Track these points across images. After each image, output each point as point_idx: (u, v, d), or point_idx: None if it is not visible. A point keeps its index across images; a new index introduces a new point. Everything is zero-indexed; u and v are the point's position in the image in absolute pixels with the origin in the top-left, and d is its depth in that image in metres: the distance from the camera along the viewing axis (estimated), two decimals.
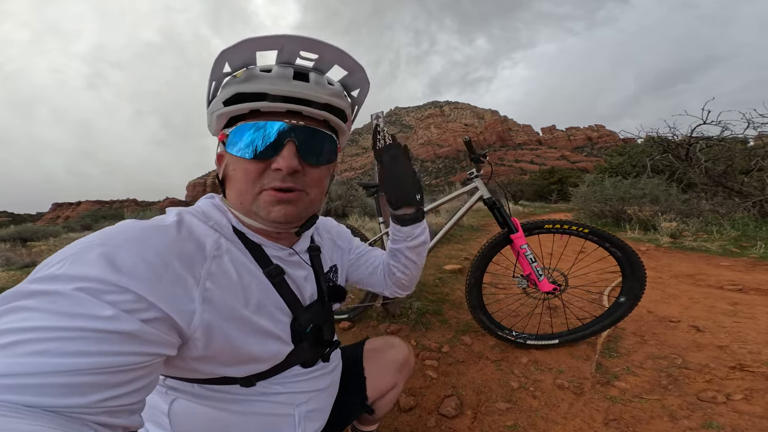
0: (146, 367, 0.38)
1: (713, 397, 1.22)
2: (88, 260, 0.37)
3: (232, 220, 0.55)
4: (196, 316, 0.43)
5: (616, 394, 1.30)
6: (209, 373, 0.51)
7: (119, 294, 0.36)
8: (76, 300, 0.34)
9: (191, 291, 0.44)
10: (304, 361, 0.63)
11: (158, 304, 0.39)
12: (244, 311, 0.50)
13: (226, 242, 0.52)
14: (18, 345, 0.30)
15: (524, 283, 1.59)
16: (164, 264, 0.41)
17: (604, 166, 10.39)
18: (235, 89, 0.50)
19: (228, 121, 0.53)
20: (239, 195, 0.52)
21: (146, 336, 0.37)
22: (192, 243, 0.47)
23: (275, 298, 0.56)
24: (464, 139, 1.66)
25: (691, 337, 1.71)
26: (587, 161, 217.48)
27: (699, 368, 1.43)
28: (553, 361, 1.55)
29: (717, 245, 3.87)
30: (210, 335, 0.45)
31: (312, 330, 0.62)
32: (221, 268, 0.49)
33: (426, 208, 1.91)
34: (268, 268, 0.56)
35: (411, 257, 0.77)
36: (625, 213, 5.94)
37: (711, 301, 2.20)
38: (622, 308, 1.54)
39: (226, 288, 0.48)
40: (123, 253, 0.39)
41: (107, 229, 0.42)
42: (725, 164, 6.13)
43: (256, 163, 0.50)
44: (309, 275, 0.65)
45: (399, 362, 0.86)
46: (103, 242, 0.39)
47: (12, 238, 9.46)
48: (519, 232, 1.52)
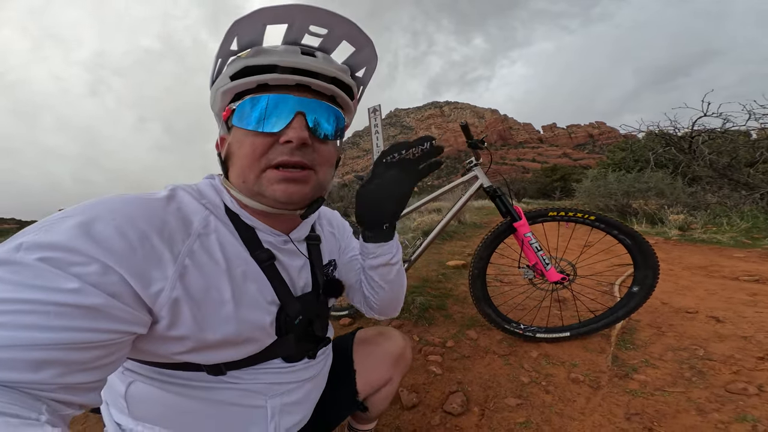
0: (112, 344, 0.36)
1: (744, 389, 1.13)
2: (62, 228, 0.35)
3: (226, 200, 0.53)
4: (165, 293, 0.41)
5: (637, 387, 1.21)
6: (172, 356, 0.45)
7: (86, 265, 0.34)
8: (38, 271, 0.32)
9: (166, 267, 0.41)
10: (286, 354, 0.56)
11: (127, 278, 0.37)
12: (223, 295, 0.47)
13: (216, 221, 0.50)
14: None
15: (530, 273, 1.51)
16: (141, 236, 0.40)
17: (607, 162, 10.29)
18: (243, 63, 0.48)
19: (234, 98, 0.50)
20: (243, 172, 0.49)
21: (112, 311, 0.35)
22: (178, 219, 0.45)
23: (263, 284, 0.52)
24: (461, 123, 1.58)
25: (712, 328, 1.61)
26: (589, 158, 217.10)
27: (724, 359, 1.33)
28: (566, 354, 1.46)
29: (728, 237, 3.76)
30: (176, 314, 0.42)
31: (301, 322, 0.57)
32: (205, 248, 0.46)
33: (421, 202, 1.83)
34: (257, 251, 0.52)
35: (374, 277, 0.67)
36: (631, 207, 5.84)
37: (728, 292, 2.10)
38: (636, 298, 1.44)
39: (206, 268, 0.46)
40: (100, 224, 0.37)
41: (91, 200, 0.41)
42: (729, 156, 6.03)
43: (263, 137, 0.47)
44: (305, 266, 0.61)
45: (393, 355, 0.78)
46: (83, 212, 0.38)
47: None
48: (522, 220, 1.44)
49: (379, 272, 0.66)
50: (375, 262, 0.65)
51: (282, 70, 0.47)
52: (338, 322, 1.94)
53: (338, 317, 1.97)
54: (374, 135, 2.35)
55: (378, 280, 0.67)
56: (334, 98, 0.53)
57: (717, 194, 5.71)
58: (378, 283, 0.67)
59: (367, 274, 0.68)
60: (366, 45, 0.52)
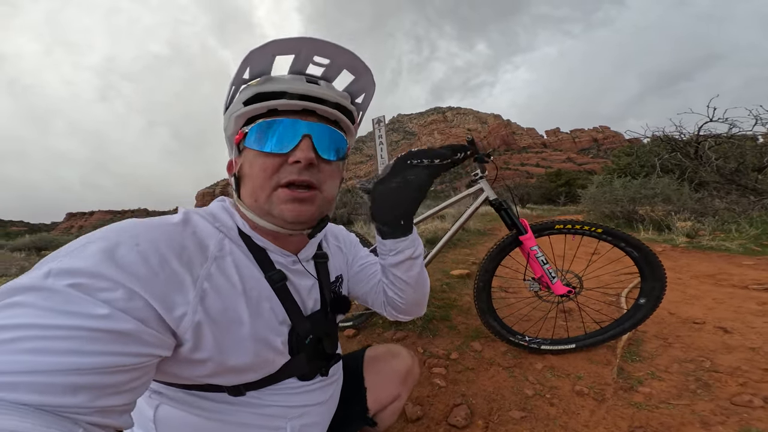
0: (141, 368, 0.37)
1: (749, 401, 1.12)
2: (87, 254, 0.37)
3: (239, 222, 0.55)
4: (188, 317, 0.42)
5: (641, 400, 1.20)
6: (197, 378, 0.47)
7: (113, 291, 0.36)
8: (70, 297, 0.33)
9: (187, 291, 0.43)
10: (300, 373, 0.59)
11: (151, 302, 0.38)
12: (240, 316, 0.49)
13: (230, 244, 0.52)
14: (12, 342, 0.30)
15: (536, 286, 1.51)
16: (162, 261, 0.41)
17: (612, 167, 10.22)
18: (255, 90, 0.52)
19: (246, 122, 0.54)
20: (254, 191, 0.52)
21: (141, 335, 0.37)
22: (194, 242, 0.47)
23: (275, 305, 0.54)
24: (467, 138, 1.61)
25: (719, 339, 1.60)
26: (594, 163, 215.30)
27: (730, 371, 1.32)
28: (571, 366, 1.46)
29: (737, 244, 3.71)
30: (199, 337, 0.44)
31: (311, 341, 0.59)
32: (222, 270, 0.48)
33: (429, 213, 1.85)
34: (271, 272, 0.55)
35: (397, 274, 0.67)
36: (637, 213, 5.79)
37: (737, 301, 2.07)
38: (643, 310, 1.45)
39: (224, 291, 0.47)
40: (123, 248, 0.39)
41: (112, 225, 0.43)
42: (736, 162, 5.97)
43: (273, 157, 0.51)
44: (314, 286, 0.63)
45: (402, 373, 0.80)
46: (105, 236, 0.40)
47: (27, 248, 9.67)
48: (528, 234, 1.45)
49: (402, 268, 0.67)
50: (396, 259, 0.65)
51: (290, 96, 0.51)
52: (342, 333, 1.96)
53: (343, 328, 1.99)
54: (378, 145, 2.39)
55: (402, 277, 0.67)
56: (338, 122, 0.57)
57: (725, 200, 5.63)
58: (402, 280, 0.68)
59: (389, 273, 0.68)
60: (364, 73, 0.56)
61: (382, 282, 0.72)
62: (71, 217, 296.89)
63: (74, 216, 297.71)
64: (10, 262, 5.99)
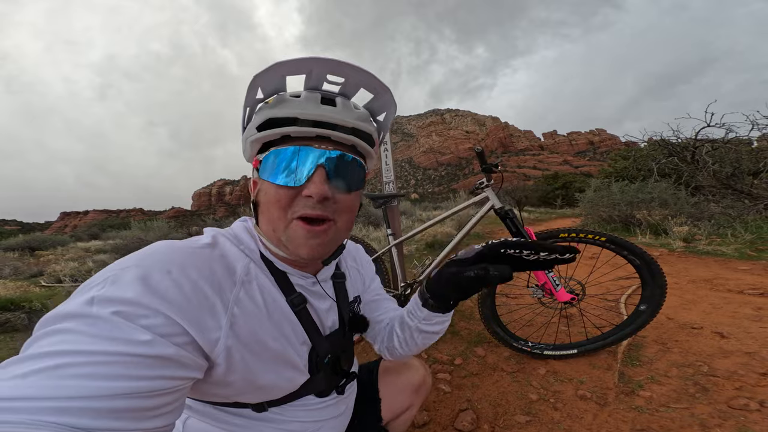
0: (179, 390, 0.39)
1: (746, 405, 1.16)
2: (125, 282, 0.38)
3: (260, 246, 0.56)
4: (221, 342, 0.44)
5: (642, 403, 1.24)
6: (224, 396, 0.50)
7: (154, 317, 0.37)
8: (114, 324, 0.35)
9: (219, 316, 0.44)
10: (318, 390, 0.62)
11: (187, 327, 0.40)
12: (266, 338, 0.50)
13: (255, 268, 0.53)
14: (61, 368, 0.31)
15: (540, 292, 1.54)
16: (195, 287, 0.42)
17: (609, 170, 10.32)
18: (267, 114, 0.50)
19: (261, 147, 0.53)
20: (271, 222, 0.52)
21: (181, 359, 0.38)
22: (223, 266, 0.48)
23: (296, 327, 0.56)
24: (476, 149, 1.63)
25: (716, 344, 1.64)
26: (590, 165, 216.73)
27: (727, 375, 1.37)
28: (573, 371, 1.49)
29: (733, 249, 3.77)
30: (231, 361, 0.45)
31: (330, 360, 0.61)
32: (249, 295, 0.50)
33: (437, 219, 1.88)
34: (292, 296, 0.56)
35: (416, 338, 0.68)
36: (634, 217, 5.85)
37: (733, 306, 2.12)
38: (643, 316, 1.49)
39: (251, 314, 0.49)
40: (156, 275, 0.40)
41: (143, 251, 0.44)
42: (732, 166, 6.05)
43: (287, 189, 0.49)
44: (332, 306, 0.64)
45: (415, 384, 0.83)
46: (138, 264, 0.41)
47: (21, 247, 9.55)
48: None
49: (424, 336, 0.67)
50: (425, 328, 0.65)
51: (302, 123, 0.48)
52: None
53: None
54: (383, 152, 2.42)
55: (418, 341, 0.68)
56: (355, 147, 0.54)
57: (720, 204, 5.71)
58: (416, 343, 0.69)
59: (408, 332, 0.68)
60: (384, 92, 0.54)
61: (395, 331, 0.72)
62: (66, 216, 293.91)
63: (68, 215, 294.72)
64: (3, 261, 5.93)
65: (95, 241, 11.80)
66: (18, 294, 3.07)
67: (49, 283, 4.03)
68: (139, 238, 8.53)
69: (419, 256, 4.35)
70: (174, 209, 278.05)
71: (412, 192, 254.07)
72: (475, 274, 0.52)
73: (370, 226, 8.64)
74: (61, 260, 6.03)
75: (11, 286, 3.43)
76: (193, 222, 16.74)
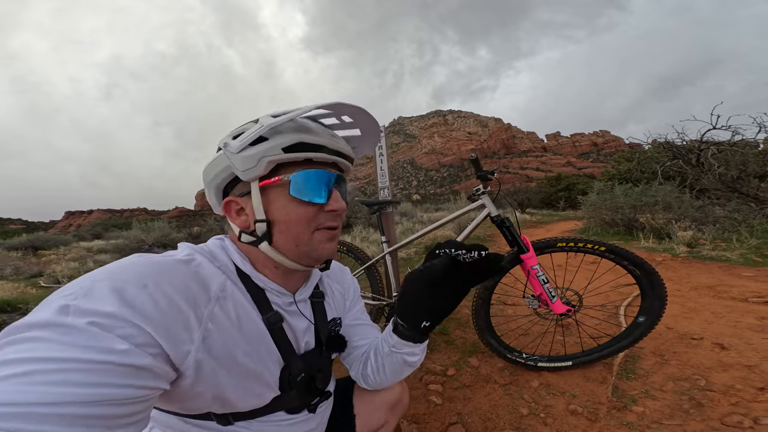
0: (149, 399, 0.40)
1: (739, 422, 1.13)
2: (100, 295, 0.39)
3: (237, 261, 0.57)
4: (192, 355, 0.45)
5: (633, 419, 1.21)
6: (190, 408, 0.51)
7: (130, 329, 0.38)
8: (91, 334, 0.35)
9: (192, 330, 0.45)
10: (289, 408, 0.61)
11: (159, 340, 0.41)
12: (237, 354, 0.51)
13: (231, 285, 0.54)
14: (31, 374, 0.31)
15: (535, 303, 1.49)
16: (170, 302, 0.43)
17: (612, 173, 10.22)
18: (297, 138, 0.53)
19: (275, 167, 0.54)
20: (295, 238, 0.56)
21: (154, 370, 0.40)
22: (198, 283, 0.49)
23: (269, 345, 0.57)
24: (471, 156, 1.59)
25: (716, 356, 1.60)
26: (594, 167, 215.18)
27: (724, 390, 1.33)
28: (566, 384, 1.46)
29: (737, 254, 3.70)
30: (200, 373, 0.46)
31: (303, 379, 0.61)
32: (224, 311, 0.51)
33: (432, 226, 1.84)
34: (268, 314, 0.57)
35: (385, 365, 0.69)
36: (638, 221, 5.78)
37: (736, 315, 2.07)
38: (641, 328, 1.45)
39: (225, 330, 0.50)
40: (132, 288, 0.41)
41: (118, 263, 0.45)
42: (738, 169, 5.96)
43: (313, 206, 0.56)
44: (309, 327, 0.65)
45: (391, 402, 0.81)
46: (113, 277, 0.41)
47: (24, 247, 9.64)
48: (530, 252, 1.43)
49: (396, 366, 0.68)
50: (397, 358, 0.66)
51: (328, 152, 0.56)
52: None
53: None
54: (378, 157, 2.40)
55: (387, 369, 0.69)
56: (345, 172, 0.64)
57: (726, 207, 5.62)
58: (385, 372, 0.70)
59: (380, 359, 0.69)
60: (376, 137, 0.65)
61: (369, 358, 0.72)
62: (70, 215, 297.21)
63: (73, 214, 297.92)
64: (5, 261, 5.99)
65: (98, 241, 11.92)
66: (15, 295, 3.09)
67: (48, 283, 4.06)
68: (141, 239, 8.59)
69: (418, 260, 4.33)
70: (177, 209, 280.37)
71: (413, 193, 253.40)
72: (423, 268, 0.58)
73: (370, 228, 8.63)
74: (63, 260, 6.09)
75: (9, 287, 3.46)
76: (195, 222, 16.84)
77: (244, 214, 0.57)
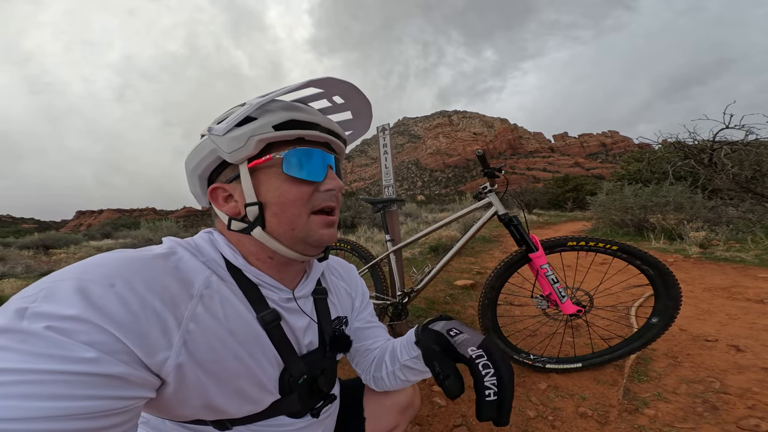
0: (131, 410, 0.37)
1: (756, 425, 1.09)
2: (61, 295, 0.35)
3: (227, 254, 0.52)
4: (171, 360, 0.41)
5: (645, 423, 1.17)
6: (180, 416, 0.47)
7: (96, 334, 0.34)
8: (50, 340, 0.32)
9: (170, 333, 0.41)
10: (290, 412, 0.58)
11: (131, 346, 0.37)
12: (226, 356, 0.47)
13: (218, 281, 0.49)
14: None
15: (544, 303, 1.45)
16: (142, 302, 0.39)
17: (621, 173, 10.05)
18: (288, 115, 0.51)
19: (266, 147, 0.51)
20: (292, 220, 0.52)
21: (130, 378, 0.36)
22: (177, 279, 0.45)
23: (266, 346, 0.52)
24: (477, 152, 1.56)
25: (731, 358, 1.54)
26: (602, 168, 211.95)
27: (740, 393, 1.28)
28: (576, 386, 1.42)
29: (752, 255, 3.59)
30: (182, 379, 0.42)
31: (305, 381, 0.57)
32: (208, 310, 0.46)
33: (437, 225, 1.83)
34: (263, 313, 0.52)
35: (405, 374, 0.68)
36: (648, 222, 5.66)
37: (751, 316, 2.00)
38: (654, 330, 1.40)
39: (210, 331, 0.45)
40: (98, 288, 0.36)
41: (86, 261, 0.40)
42: (753, 169, 5.80)
43: (309, 185, 0.53)
44: (310, 324, 0.61)
45: (402, 405, 0.79)
46: (79, 276, 0.37)
47: (35, 246, 9.85)
48: (539, 251, 1.39)
49: (414, 374, 0.68)
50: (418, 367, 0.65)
51: (321, 129, 0.54)
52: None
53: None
54: (383, 155, 2.39)
55: (409, 377, 0.69)
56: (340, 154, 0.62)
57: (739, 208, 5.48)
58: (404, 379, 0.69)
59: (398, 366, 0.68)
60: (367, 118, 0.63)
61: (384, 362, 0.71)
62: (81, 215, 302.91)
63: (84, 214, 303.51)
64: (17, 260, 6.10)
65: (107, 240, 12.13)
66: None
67: None
68: (148, 238, 8.72)
69: (423, 260, 4.30)
70: (185, 209, 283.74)
71: (418, 194, 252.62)
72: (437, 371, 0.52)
73: (375, 228, 8.62)
74: (73, 259, 6.21)
75: (19, 285, 3.53)
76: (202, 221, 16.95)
77: (233, 201, 0.53)
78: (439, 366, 0.52)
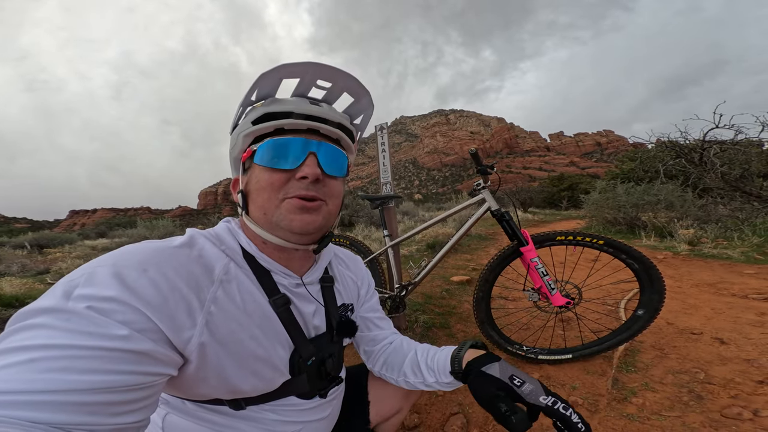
0: (154, 386, 0.40)
1: (739, 414, 1.14)
2: (101, 279, 0.39)
3: (243, 242, 0.57)
4: (194, 339, 0.44)
5: (634, 411, 1.23)
6: (199, 394, 0.50)
7: (130, 314, 0.38)
8: (90, 319, 0.35)
9: (195, 314, 0.45)
10: (300, 392, 0.61)
11: (161, 325, 0.40)
12: (243, 337, 0.51)
13: (235, 267, 0.54)
14: (35, 362, 0.32)
15: (535, 296, 1.52)
16: (171, 286, 0.43)
17: (616, 172, 10.19)
18: (263, 110, 0.54)
19: (253, 140, 0.57)
20: (263, 205, 0.54)
21: (157, 356, 0.39)
22: (201, 266, 0.49)
23: (277, 328, 0.56)
24: (470, 150, 1.60)
25: (715, 350, 1.61)
26: (597, 167, 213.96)
27: (724, 383, 1.34)
28: (566, 376, 1.48)
29: (739, 252, 3.70)
30: (204, 358, 0.46)
31: (314, 363, 0.61)
32: (227, 294, 0.50)
33: (432, 221, 1.88)
34: (274, 297, 0.56)
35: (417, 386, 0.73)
36: (640, 220, 5.77)
37: (735, 311, 2.08)
38: (641, 321, 1.46)
39: (229, 313, 0.49)
40: (133, 273, 0.41)
41: (120, 250, 0.45)
42: (741, 168, 5.93)
43: (281, 173, 0.53)
44: (318, 309, 0.64)
45: (405, 390, 0.82)
46: (115, 262, 0.41)
47: (29, 245, 9.74)
48: (529, 245, 1.45)
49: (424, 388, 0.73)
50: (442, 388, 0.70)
51: (296, 116, 0.54)
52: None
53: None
54: (381, 153, 2.42)
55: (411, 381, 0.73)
56: (339, 141, 0.60)
57: (728, 206, 5.61)
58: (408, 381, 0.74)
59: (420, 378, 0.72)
60: (364, 95, 0.60)
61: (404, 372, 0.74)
62: (74, 214, 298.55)
63: (77, 213, 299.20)
64: (12, 259, 6.05)
65: (102, 239, 12.01)
66: (23, 291, 3.14)
67: (55, 280, 4.11)
68: (145, 237, 8.66)
69: (420, 257, 4.35)
70: (180, 208, 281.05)
71: (415, 192, 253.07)
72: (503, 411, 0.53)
73: (372, 226, 8.66)
74: (68, 258, 6.16)
75: (17, 283, 3.52)
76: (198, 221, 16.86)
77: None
78: (507, 408, 0.53)
